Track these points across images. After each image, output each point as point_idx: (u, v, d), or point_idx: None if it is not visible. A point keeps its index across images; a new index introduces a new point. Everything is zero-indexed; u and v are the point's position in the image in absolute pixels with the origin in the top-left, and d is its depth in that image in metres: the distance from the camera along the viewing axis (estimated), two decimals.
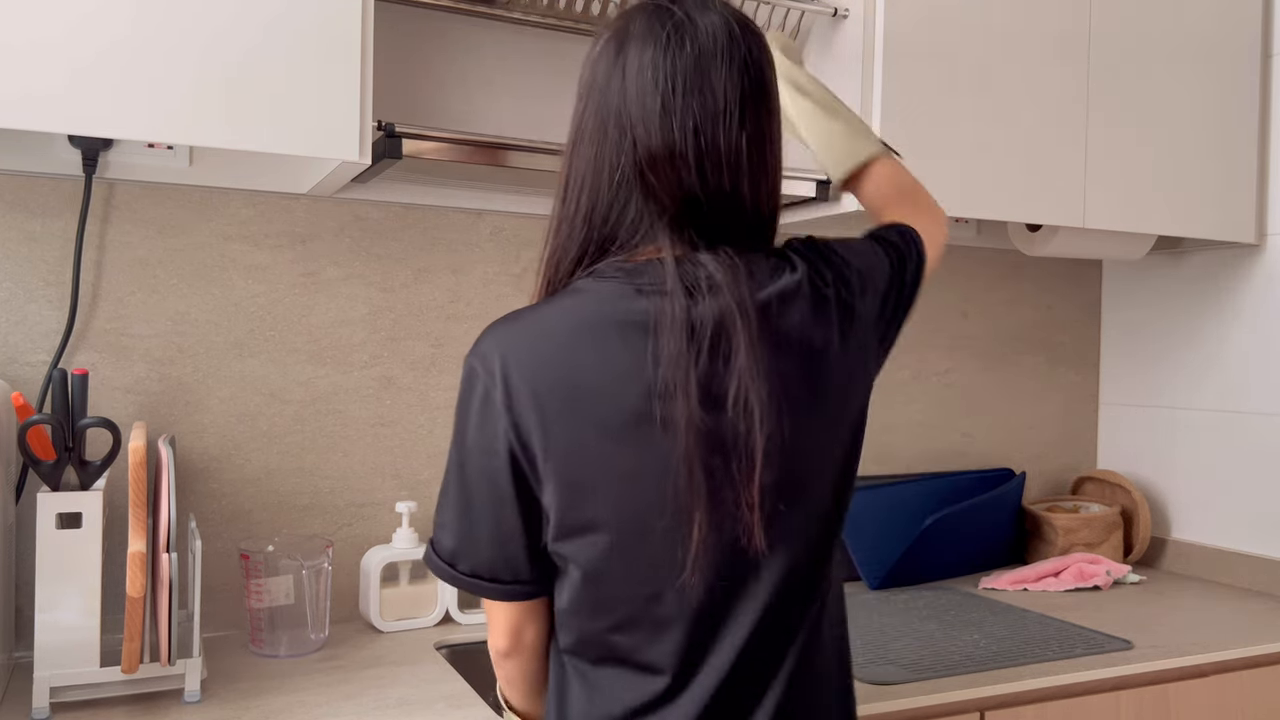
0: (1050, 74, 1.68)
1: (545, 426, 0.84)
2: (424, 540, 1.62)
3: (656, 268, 0.86)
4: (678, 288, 0.84)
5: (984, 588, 1.86)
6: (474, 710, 1.19)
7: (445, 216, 1.64)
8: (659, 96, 0.86)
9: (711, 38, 0.88)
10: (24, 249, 1.40)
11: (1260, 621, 1.67)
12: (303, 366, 1.55)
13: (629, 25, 0.90)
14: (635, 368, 0.84)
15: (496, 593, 0.90)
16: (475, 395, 0.88)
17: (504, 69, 1.67)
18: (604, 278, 0.88)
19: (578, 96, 0.93)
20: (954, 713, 1.32)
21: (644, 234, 0.88)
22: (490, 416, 0.86)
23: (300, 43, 1.22)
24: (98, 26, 1.13)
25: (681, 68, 0.86)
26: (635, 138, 0.86)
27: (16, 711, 1.17)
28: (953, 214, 1.61)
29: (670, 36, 0.87)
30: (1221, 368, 1.98)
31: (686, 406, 0.83)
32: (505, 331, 0.88)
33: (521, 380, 0.85)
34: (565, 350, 0.85)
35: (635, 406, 0.84)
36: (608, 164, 0.88)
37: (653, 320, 0.84)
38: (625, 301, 0.85)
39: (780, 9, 1.68)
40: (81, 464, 1.22)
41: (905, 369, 2.03)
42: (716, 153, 0.87)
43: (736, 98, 0.87)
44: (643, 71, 0.87)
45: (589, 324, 0.85)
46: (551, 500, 0.86)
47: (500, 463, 0.86)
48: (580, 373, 0.84)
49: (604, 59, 0.90)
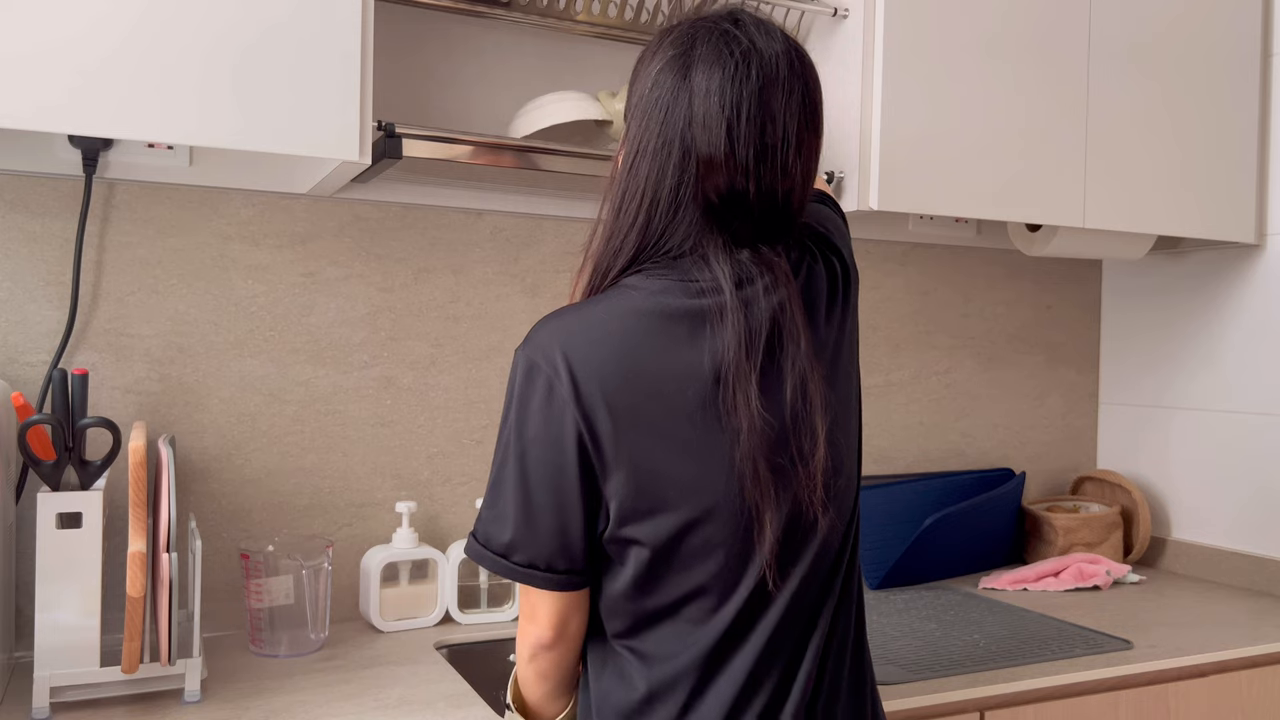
0: (1050, 74, 1.68)
1: (614, 417, 0.88)
2: (424, 540, 1.62)
3: (703, 265, 0.91)
4: (729, 284, 0.90)
5: (984, 588, 1.86)
6: (474, 710, 1.20)
7: (445, 216, 1.64)
8: (724, 122, 0.90)
9: (775, 67, 0.92)
10: (24, 249, 1.40)
11: (1260, 621, 1.67)
12: (303, 366, 1.55)
13: (694, 47, 0.93)
14: (696, 359, 0.89)
15: (552, 583, 0.92)
16: (536, 389, 0.90)
17: (504, 69, 1.67)
18: (653, 276, 0.92)
19: (637, 110, 0.95)
20: (954, 713, 1.32)
21: (695, 239, 0.92)
22: (555, 409, 0.89)
23: (300, 43, 1.22)
24: (98, 27, 1.13)
25: (747, 95, 0.90)
26: (699, 160, 0.90)
27: (16, 711, 1.17)
28: (953, 214, 1.61)
29: (738, 64, 0.90)
30: (1221, 367, 1.98)
31: (748, 400, 0.88)
32: (562, 326, 0.91)
33: (586, 373, 0.88)
34: (626, 343, 0.89)
35: (699, 395, 0.89)
36: (669, 182, 0.92)
37: (710, 314, 0.90)
38: (680, 297, 0.90)
39: (780, 9, 1.68)
40: (81, 464, 1.22)
41: (905, 369, 2.03)
42: (774, 179, 0.92)
43: (795, 128, 0.92)
44: (709, 96, 0.90)
45: (647, 317, 0.90)
46: (618, 488, 0.89)
47: (568, 455, 0.89)
48: (643, 364, 0.89)
49: (668, 77, 0.93)
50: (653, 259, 0.93)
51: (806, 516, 0.93)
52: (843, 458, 0.96)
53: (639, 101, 0.95)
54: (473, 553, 0.95)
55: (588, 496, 0.90)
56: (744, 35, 0.92)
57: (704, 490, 0.89)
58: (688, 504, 0.89)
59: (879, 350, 2.00)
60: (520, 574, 0.92)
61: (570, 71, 1.71)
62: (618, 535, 0.91)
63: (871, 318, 1.99)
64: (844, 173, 1.58)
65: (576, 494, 0.90)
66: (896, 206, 1.56)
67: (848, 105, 1.57)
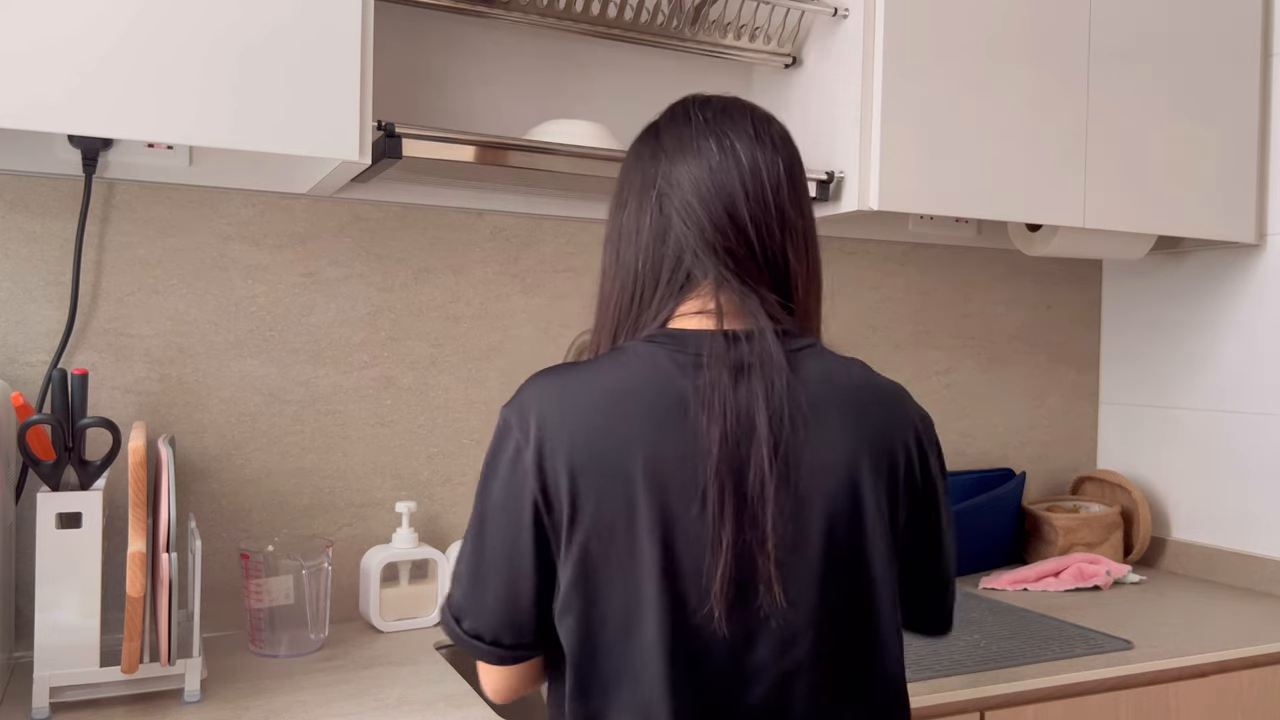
0: (1050, 74, 1.68)
1: (574, 496, 0.84)
2: (424, 540, 1.62)
3: (702, 340, 0.89)
4: (722, 368, 0.87)
5: (984, 588, 1.86)
6: (474, 710, 1.19)
7: (445, 216, 1.64)
8: (703, 155, 0.93)
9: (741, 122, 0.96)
10: (24, 249, 1.40)
11: (1260, 621, 1.67)
12: (303, 366, 1.55)
13: (659, 120, 1.00)
14: (677, 444, 0.85)
15: (494, 657, 0.89)
16: (506, 452, 0.87)
17: (504, 69, 1.67)
18: (653, 343, 0.90)
19: (618, 185, 0.99)
20: (954, 713, 1.32)
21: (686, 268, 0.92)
22: (518, 475, 0.86)
23: (300, 43, 1.22)
24: (98, 27, 1.13)
25: (726, 137, 0.94)
26: (680, 183, 0.93)
27: (16, 711, 1.17)
28: (953, 214, 1.61)
29: (705, 118, 0.95)
30: (1221, 367, 1.98)
31: (722, 496, 0.84)
32: (546, 390, 0.88)
33: (554, 447, 0.85)
34: (605, 418, 0.85)
35: (674, 484, 0.84)
36: (649, 213, 0.94)
37: (696, 398, 0.86)
38: (671, 374, 0.87)
39: (780, 9, 1.68)
40: (81, 464, 1.22)
41: (905, 369, 2.03)
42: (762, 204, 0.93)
43: (773, 175, 0.94)
44: (683, 134, 0.95)
45: (632, 394, 0.86)
46: (567, 568, 0.85)
47: (523, 522, 0.85)
48: (617, 444, 0.84)
49: (639, 143, 0.99)
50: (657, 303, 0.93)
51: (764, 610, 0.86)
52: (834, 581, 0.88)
53: (620, 171, 1.00)
54: (441, 612, 0.93)
55: (540, 569, 0.86)
56: (709, 101, 0.98)
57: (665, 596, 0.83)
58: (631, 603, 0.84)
59: (879, 350, 2.00)
60: (466, 643, 0.89)
61: (570, 71, 1.71)
62: (563, 614, 0.86)
63: (871, 318, 1.99)
64: (844, 173, 1.58)
65: (530, 565, 0.85)
66: (896, 206, 1.56)
67: (848, 105, 1.57)
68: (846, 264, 1.96)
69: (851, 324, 1.97)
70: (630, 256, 0.95)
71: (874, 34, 1.55)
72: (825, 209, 1.62)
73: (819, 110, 1.65)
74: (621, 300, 0.95)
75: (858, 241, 1.97)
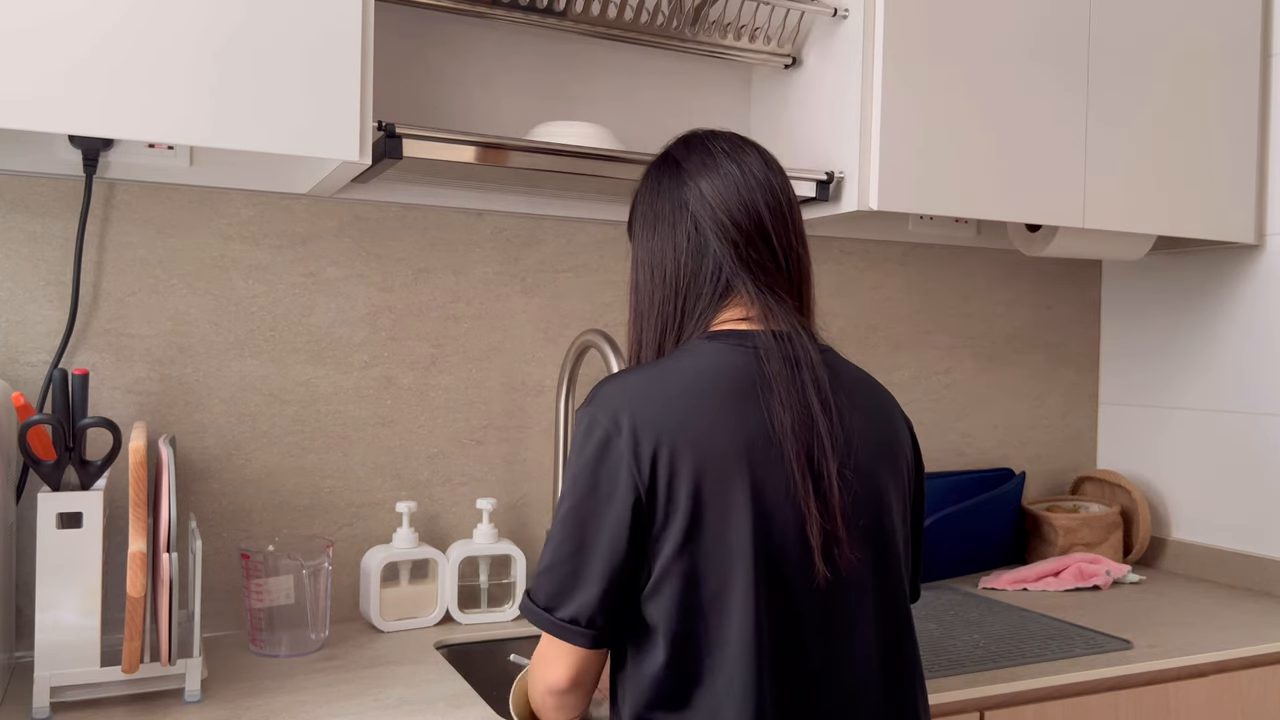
0: (1050, 74, 1.68)
1: (671, 477, 0.91)
2: (424, 540, 1.62)
3: (756, 337, 0.99)
4: (778, 356, 0.98)
5: (984, 588, 1.86)
6: (474, 710, 1.20)
7: (445, 216, 1.64)
8: (728, 176, 1.03)
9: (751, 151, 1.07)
10: (24, 249, 1.40)
11: (1260, 621, 1.67)
12: (303, 366, 1.55)
13: (672, 151, 1.09)
14: (758, 424, 0.94)
15: (587, 639, 0.94)
16: (595, 444, 0.94)
17: (504, 69, 1.67)
18: (713, 340, 1.00)
19: (636, 207, 1.09)
20: (954, 712, 1.32)
21: (725, 279, 1.02)
22: (613, 464, 0.92)
23: (301, 43, 1.22)
24: (99, 27, 1.13)
25: (743, 163, 1.05)
26: (712, 204, 1.02)
27: (17, 711, 1.17)
28: (953, 214, 1.61)
29: (721, 147, 1.06)
30: (1221, 367, 1.98)
31: (803, 472, 0.94)
32: (625, 385, 0.96)
33: (648, 432, 0.92)
34: (688, 403, 0.94)
35: (759, 460, 0.93)
36: (684, 231, 1.03)
37: (765, 382, 0.96)
38: (739, 363, 0.97)
39: (780, 9, 1.68)
40: (82, 464, 1.22)
41: (905, 369, 2.03)
42: (779, 216, 1.04)
43: (786, 195, 1.06)
44: (706, 161, 1.05)
45: (709, 381, 0.96)
46: (668, 542, 0.92)
47: (622, 509, 0.92)
48: (706, 428, 0.93)
49: (658, 172, 1.08)
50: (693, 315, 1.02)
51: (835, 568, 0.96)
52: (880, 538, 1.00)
53: (639, 199, 1.09)
54: (522, 606, 0.99)
55: (633, 551, 0.92)
56: (719, 136, 1.08)
57: (731, 553, 0.92)
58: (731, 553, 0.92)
59: (879, 350, 2.00)
60: (561, 629, 0.95)
61: (570, 72, 1.71)
62: (659, 588, 0.93)
63: (871, 318, 1.99)
64: (844, 173, 1.58)
65: (625, 547, 0.92)
66: (896, 206, 1.56)
67: (848, 105, 1.57)
68: (846, 264, 1.96)
69: (851, 324, 1.97)
70: (671, 273, 1.04)
71: (874, 34, 1.55)
72: (825, 209, 1.62)
73: (819, 110, 1.65)
74: (665, 313, 1.04)
75: (858, 241, 1.97)
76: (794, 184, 1.54)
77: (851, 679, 0.96)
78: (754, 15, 1.69)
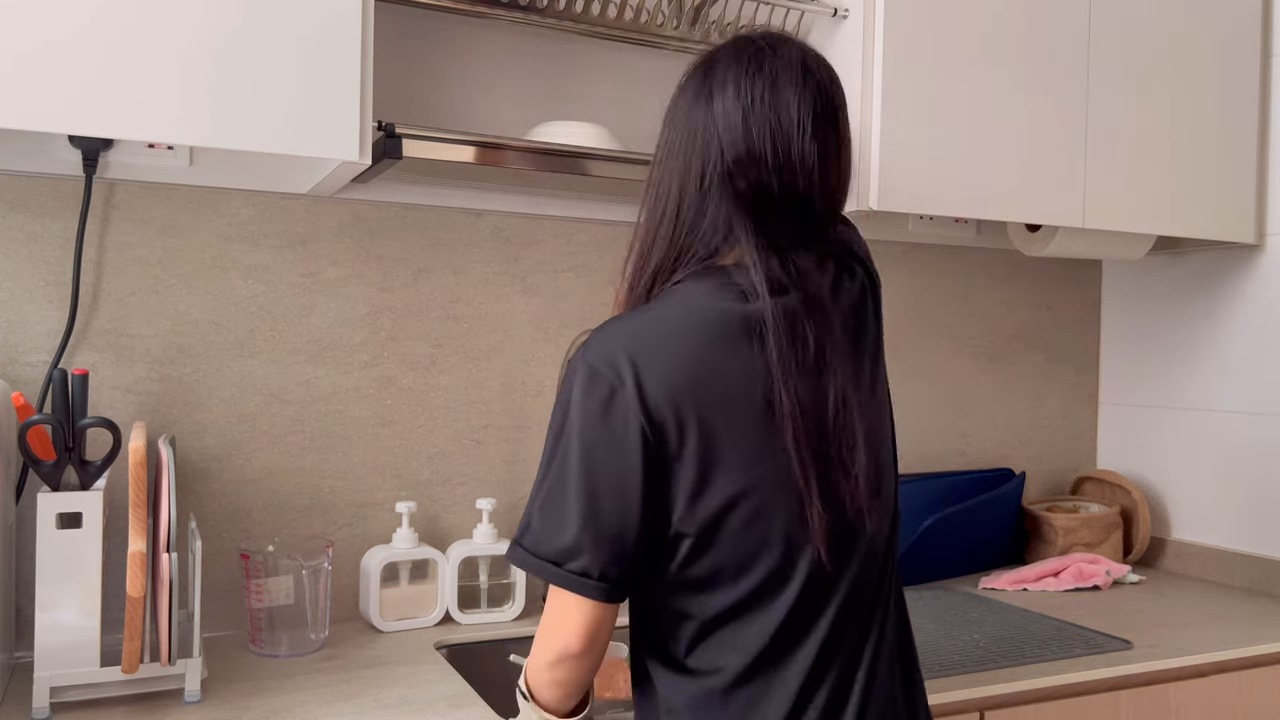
0: (1050, 74, 1.68)
1: (678, 418, 0.90)
2: (424, 540, 1.62)
3: (744, 272, 0.95)
4: (766, 293, 0.94)
5: (984, 588, 1.86)
6: (474, 710, 1.20)
7: (445, 216, 1.64)
8: (740, 108, 0.96)
9: (788, 64, 0.99)
10: (24, 249, 1.40)
11: (1260, 621, 1.67)
12: (303, 366, 1.55)
13: (714, 55, 1.02)
14: (750, 360, 0.93)
15: (601, 592, 0.93)
16: (599, 394, 0.91)
17: (504, 69, 1.67)
18: (701, 278, 0.96)
19: (664, 122, 1.03)
20: (954, 713, 1.32)
21: (725, 232, 0.97)
22: (619, 413, 0.90)
23: (301, 43, 1.22)
24: (99, 27, 1.13)
25: (760, 85, 0.97)
26: (722, 145, 0.96)
27: (16, 711, 1.17)
28: (953, 214, 1.61)
29: (751, 60, 0.99)
30: (1221, 367, 1.98)
31: (794, 405, 0.93)
32: (623, 330, 0.94)
33: (650, 375, 0.91)
34: (688, 344, 0.92)
35: (755, 394, 0.93)
36: (694, 171, 0.98)
37: (755, 320, 0.93)
38: (730, 300, 0.94)
39: (780, 9, 1.68)
40: (82, 464, 1.22)
41: (905, 369, 2.03)
42: (790, 159, 0.97)
43: (808, 114, 0.97)
44: (725, 87, 0.98)
45: (702, 318, 0.93)
46: (684, 487, 0.91)
47: (632, 458, 0.90)
48: (704, 364, 0.92)
49: (690, 85, 1.01)
50: (692, 261, 0.98)
51: (853, 523, 0.96)
52: (882, 467, 1.01)
53: (667, 111, 1.03)
54: (517, 558, 0.95)
55: (649, 502, 0.91)
56: (761, 40, 1.00)
57: (755, 485, 0.92)
58: (750, 497, 0.92)
59: None
60: (574, 582, 0.92)
61: (570, 72, 1.71)
62: (680, 530, 0.93)
63: None
64: None
65: (638, 499, 0.91)
66: (896, 206, 1.56)
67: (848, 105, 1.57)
68: None
69: None
70: (672, 207, 0.99)
71: (874, 34, 1.55)
72: None
73: None
74: (661, 248, 1.00)
75: None
76: None
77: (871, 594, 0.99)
78: (754, 15, 1.69)
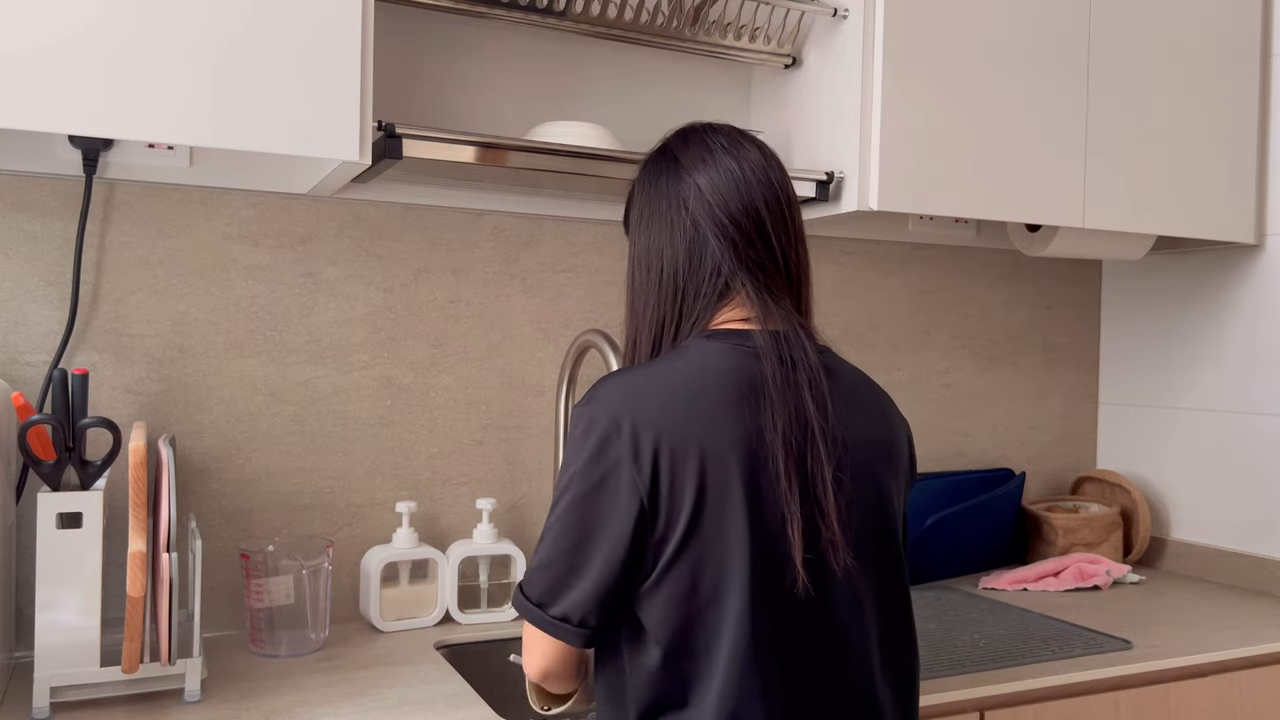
0: (1050, 74, 1.68)
1: (673, 474, 0.91)
2: (424, 540, 1.62)
3: (754, 336, 0.98)
4: (774, 356, 0.96)
5: (984, 588, 1.86)
6: (474, 710, 1.20)
7: (445, 216, 1.64)
8: (727, 173, 1.02)
9: (738, 141, 1.05)
10: (24, 249, 1.40)
11: (1260, 621, 1.67)
12: (303, 366, 1.55)
13: (669, 144, 1.07)
14: (754, 424, 0.93)
15: (579, 639, 0.94)
16: (595, 444, 0.93)
17: (504, 69, 1.67)
18: (711, 339, 0.99)
19: (632, 202, 1.08)
20: (954, 712, 1.32)
21: (724, 279, 1.00)
22: (613, 464, 0.92)
23: (301, 43, 1.22)
24: (98, 27, 1.13)
25: (741, 159, 1.03)
26: (710, 201, 1.01)
27: (16, 711, 1.17)
28: (953, 214, 1.61)
29: (720, 143, 1.04)
30: (1221, 367, 1.98)
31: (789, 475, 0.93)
32: (624, 385, 0.95)
33: (647, 431, 0.91)
34: (687, 404, 0.93)
35: (756, 461, 0.93)
36: (681, 229, 1.01)
37: (761, 384, 0.95)
38: (738, 363, 0.96)
39: (780, 9, 1.68)
40: (82, 464, 1.22)
41: (904, 369, 2.03)
42: (781, 219, 1.03)
43: (785, 192, 1.05)
44: (704, 157, 1.03)
45: (708, 380, 0.95)
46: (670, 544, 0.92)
47: (623, 509, 0.91)
48: (702, 425, 0.92)
49: (655, 167, 1.06)
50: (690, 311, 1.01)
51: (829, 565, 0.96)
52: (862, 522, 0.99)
53: (636, 193, 1.07)
54: (516, 601, 0.98)
55: (633, 551, 0.92)
56: (700, 127, 1.07)
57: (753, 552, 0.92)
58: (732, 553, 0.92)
59: (879, 350, 2.00)
60: (552, 626, 0.95)
61: (570, 72, 1.71)
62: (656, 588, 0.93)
63: (871, 318, 1.99)
64: (844, 173, 1.58)
65: (626, 548, 0.91)
66: (896, 206, 1.56)
67: (848, 105, 1.57)
68: (846, 264, 1.96)
69: (851, 324, 1.97)
70: (669, 272, 1.02)
71: (874, 34, 1.55)
72: (825, 209, 1.62)
73: (819, 110, 1.65)
74: (662, 312, 1.02)
75: (858, 241, 1.97)
76: (794, 184, 1.55)
77: (849, 681, 0.96)
78: (754, 15, 1.69)
